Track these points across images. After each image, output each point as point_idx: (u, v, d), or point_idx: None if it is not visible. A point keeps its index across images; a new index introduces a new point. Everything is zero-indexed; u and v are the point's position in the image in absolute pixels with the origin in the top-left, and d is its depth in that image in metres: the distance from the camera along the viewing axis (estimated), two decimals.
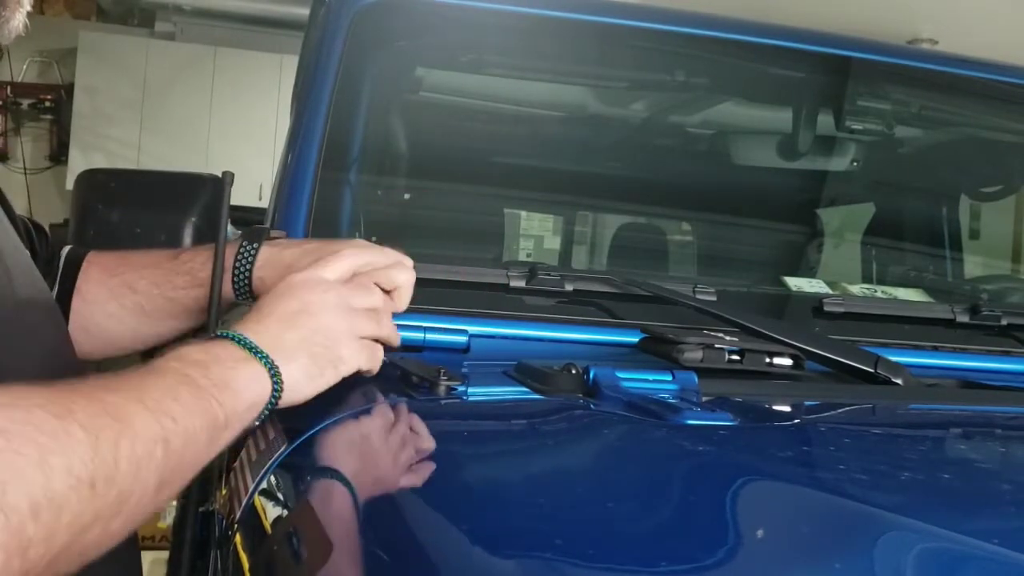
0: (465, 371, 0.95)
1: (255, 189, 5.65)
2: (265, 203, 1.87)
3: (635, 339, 1.10)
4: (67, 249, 1.08)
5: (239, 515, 0.79)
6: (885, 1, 5.13)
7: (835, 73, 1.62)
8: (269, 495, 0.78)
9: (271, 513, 0.75)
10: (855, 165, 1.78)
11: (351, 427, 0.84)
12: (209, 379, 0.74)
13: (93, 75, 6.63)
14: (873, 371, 1.05)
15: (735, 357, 1.02)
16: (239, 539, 0.77)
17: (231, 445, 0.78)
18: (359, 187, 1.39)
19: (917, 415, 1.04)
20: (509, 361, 1.01)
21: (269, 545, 0.71)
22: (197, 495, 0.91)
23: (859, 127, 1.67)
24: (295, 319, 0.85)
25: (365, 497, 0.68)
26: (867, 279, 1.91)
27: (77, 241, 1.29)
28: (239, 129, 6.60)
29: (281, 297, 0.87)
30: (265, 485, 0.78)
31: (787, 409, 0.94)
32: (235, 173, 1.02)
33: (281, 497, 0.78)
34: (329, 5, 1.45)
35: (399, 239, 1.02)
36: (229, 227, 1.02)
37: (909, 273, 1.86)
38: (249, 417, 0.78)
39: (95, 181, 1.39)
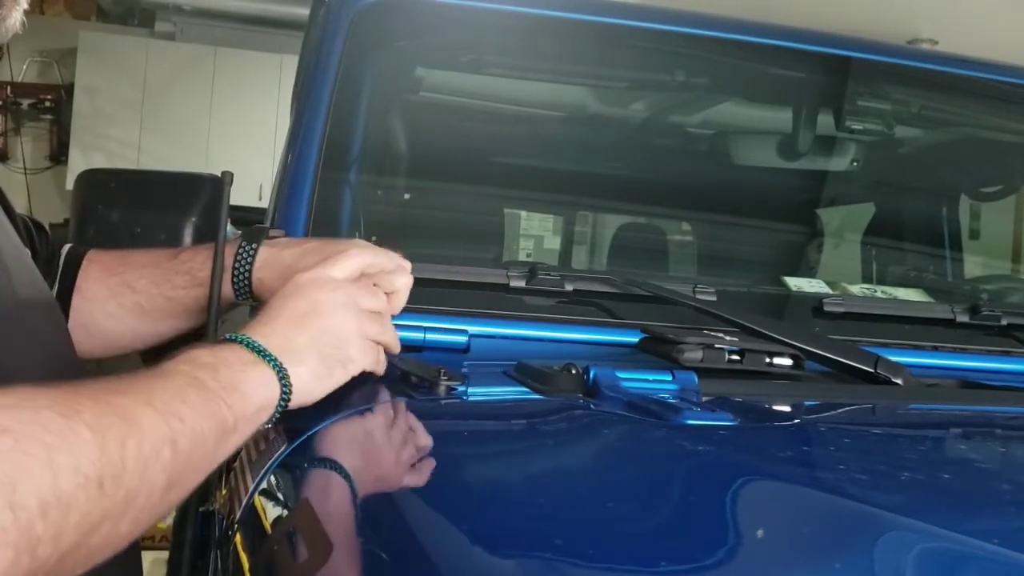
0: (465, 371, 0.95)
1: (255, 189, 5.65)
2: (265, 203, 1.87)
3: (635, 339, 1.10)
4: (67, 248, 1.08)
5: (239, 515, 0.79)
6: (885, 1, 5.13)
7: (835, 73, 1.62)
8: (269, 495, 0.78)
9: (271, 513, 0.75)
10: (855, 165, 1.78)
11: (351, 427, 0.84)
12: (218, 382, 0.74)
13: (93, 75, 6.63)
14: (873, 371, 1.05)
15: (735, 357, 1.02)
16: (239, 539, 0.77)
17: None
18: (359, 187, 1.39)
19: (917, 415, 1.04)
20: (509, 361, 1.01)
21: (269, 545, 0.71)
22: (197, 495, 0.91)
23: (859, 127, 1.67)
24: (304, 320, 0.85)
25: (365, 497, 0.68)
26: (867, 279, 1.91)
27: (77, 241, 1.29)
28: (239, 129, 6.60)
29: (290, 297, 0.87)
30: (265, 485, 0.78)
31: (787, 409, 0.94)
32: (235, 173, 1.02)
33: (281, 497, 0.78)
34: (329, 5, 1.45)
35: (399, 239, 1.02)
36: (229, 227, 1.02)
37: (909, 273, 1.85)
38: (259, 420, 0.78)
39: (95, 181, 1.39)
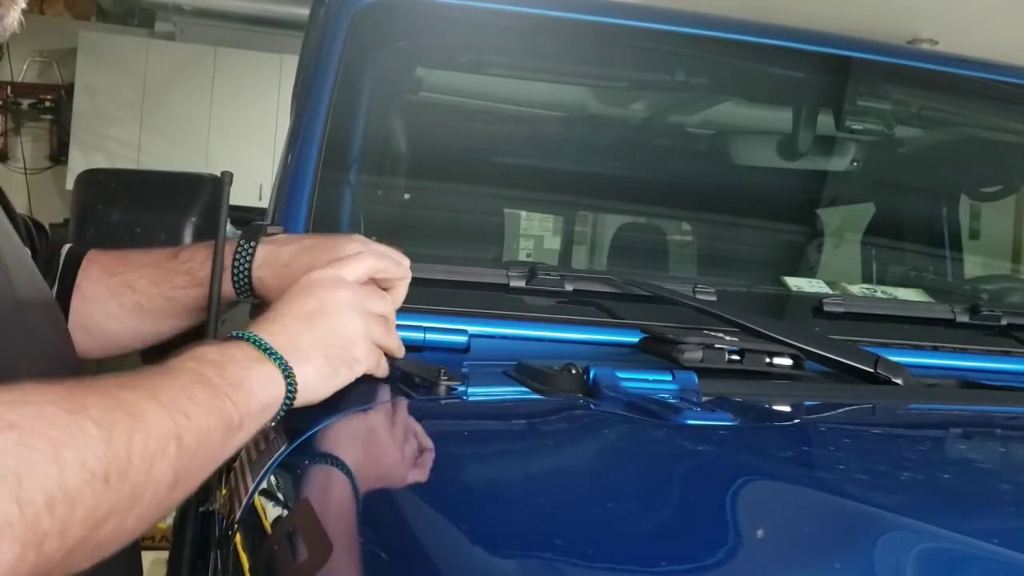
0: (465, 371, 0.95)
1: (255, 189, 5.65)
2: (265, 203, 1.87)
3: (635, 339, 1.10)
4: (67, 248, 1.08)
5: (239, 515, 0.79)
6: (885, 1, 5.13)
7: (835, 73, 1.62)
8: (269, 495, 0.78)
9: (271, 513, 0.75)
10: (855, 165, 1.78)
11: (351, 427, 0.84)
12: (224, 379, 0.74)
13: (93, 75, 6.63)
14: (873, 371, 1.05)
15: (735, 357, 1.02)
16: (239, 539, 0.77)
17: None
18: (359, 187, 1.39)
19: (917, 415, 1.04)
20: (509, 361, 1.01)
21: (269, 545, 0.71)
22: (197, 495, 0.91)
23: (859, 127, 1.67)
24: (311, 319, 0.85)
25: (365, 497, 0.68)
26: (867, 279, 1.91)
27: (77, 241, 1.29)
28: (239, 129, 6.60)
29: (299, 296, 0.87)
30: (265, 485, 0.78)
31: (787, 409, 0.94)
32: (235, 173, 1.02)
33: (281, 497, 0.78)
34: (329, 5, 1.45)
35: (399, 239, 1.02)
36: (229, 227, 1.02)
37: (909, 273, 1.85)
38: (263, 418, 0.78)
39: (95, 181, 1.39)
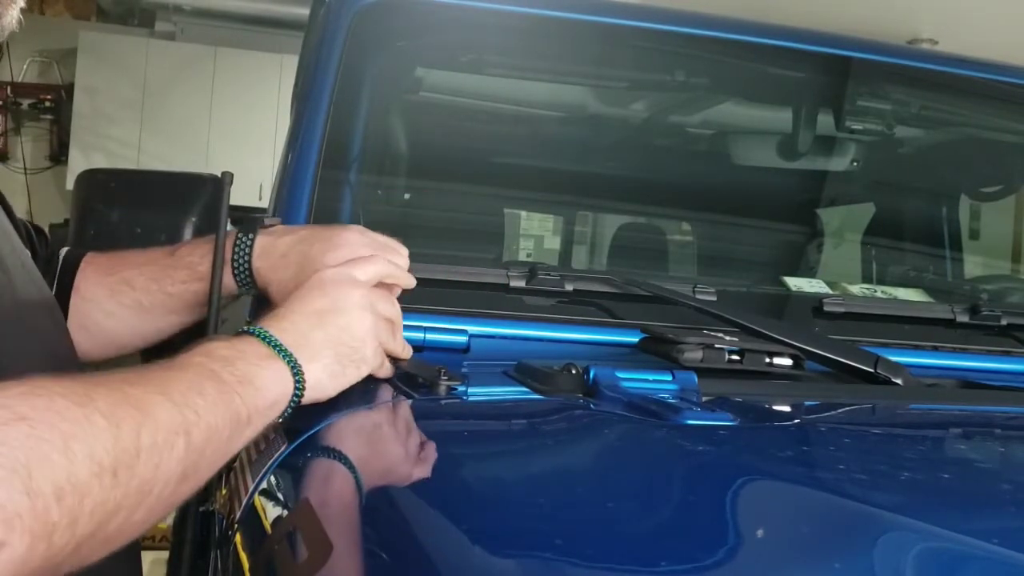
0: (465, 371, 0.95)
1: (255, 189, 5.65)
2: (265, 203, 1.87)
3: (635, 339, 1.10)
4: (64, 251, 1.08)
5: (239, 515, 0.79)
6: (885, 1, 5.13)
7: (835, 73, 1.62)
8: (269, 495, 0.78)
9: (271, 513, 0.75)
10: (855, 165, 1.78)
11: (351, 427, 0.84)
12: (233, 375, 0.74)
13: (93, 75, 6.62)
14: (873, 371, 1.05)
15: (735, 357, 1.02)
16: (239, 539, 0.77)
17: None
18: (359, 187, 1.39)
19: (917, 415, 1.04)
20: (509, 361, 1.01)
21: (269, 545, 0.71)
22: (197, 495, 0.91)
23: (859, 127, 1.67)
24: (322, 316, 0.85)
25: (365, 497, 0.68)
26: (867, 279, 1.91)
27: (77, 241, 1.29)
28: (239, 129, 6.59)
29: (310, 293, 0.87)
30: (265, 485, 0.78)
31: (787, 409, 0.94)
32: (235, 173, 1.02)
33: (281, 497, 0.78)
34: (329, 5, 1.45)
35: (399, 238, 1.02)
36: (229, 227, 1.02)
37: (909, 273, 1.85)
38: (272, 415, 0.79)
39: (95, 181, 1.39)
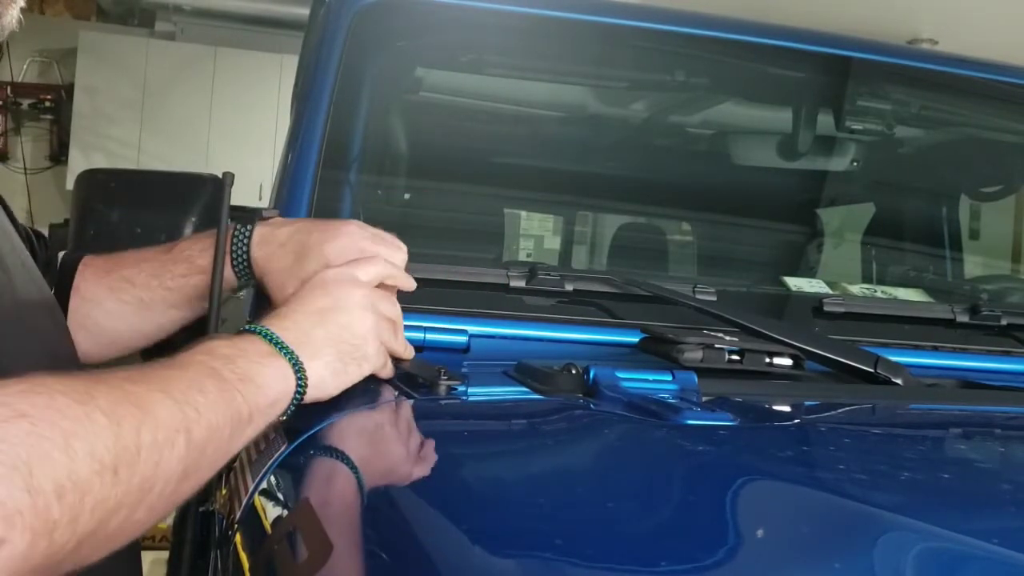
0: (465, 371, 0.95)
1: (255, 189, 5.65)
2: (265, 203, 1.87)
3: (635, 339, 1.10)
4: (62, 254, 1.08)
5: (239, 515, 0.79)
6: (885, 1, 5.13)
7: (835, 73, 1.62)
8: (269, 495, 0.78)
9: (271, 513, 0.75)
10: (855, 165, 1.78)
11: (351, 426, 0.84)
12: (234, 373, 0.74)
13: (93, 75, 6.62)
14: (873, 371, 1.05)
15: (735, 357, 1.02)
16: (239, 539, 0.77)
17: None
18: (359, 187, 1.39)
19: (917, 415, 1.04)
20: (509, 361, 1.01)
21: (269, 545, 0.71)
22: (197, 495, 0.91)
23: (859, 127, 1.67)
24: (324, 315, 0.85)
25: (365, 497, 0.68)
26: (867, 279, 1.91)
27: (77, 241, 1.29)
28: (239, 129, 6.59)
29: (312, 292, 0.88)
30: (265, 485, 0.78)
31: (787, 409, 0.94)
32: (235, 173, 1.02)
33: (281, 497, 0.78)
34: (329, 5, 1.45)
35: (399, 238, 1.02)
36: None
37: (909, 273, 1.85)
38: (273, 413, 0.79)
39: (95, 181, 1.39)
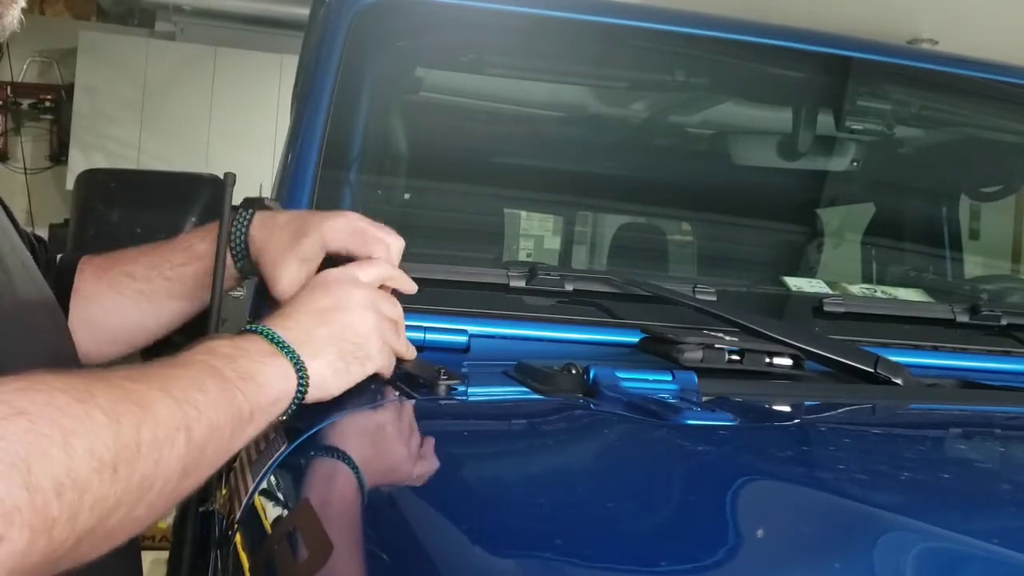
0: (465, 371, 0.95)
1: (255, 189, 5.62)
2: None
3: (635, 339, 1.10)
4: (60, 256, 1.08)
5: (239, 515, 0.79)
6: (885, 1, 5.13)
7: (835, 73, 1.62)
8: (269, 495, 0.78)
9: (271, 513, 0.75)
10: (855, 165, 1.78)
11: (351, 426, 0.84)
12: (235, 372, 0.74)
13: (93, 75, 6.62)
14: (873, 371, 1.05)
15: (735, 357, 1.02)
16: (239, 539, 0.77)
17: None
18: (359, 187, 1.39)
19: (917, 415, 1.04)
20: (509, 361, 1.01)
21: (269, 545, 0.71)
22: (197, 495, 0.91)
23: (859, 127, 1.67)
24: (326, 314, 0.85)
25: (365, 496, 0.68)
26: (867, 279, 1.91)
27: (77, 241, 1.29)
28: (239, 129, 6.59)
29: (313, 292, 0.88)
30: (265, 485, 0.78)
31: (787, 409, 0.94)
32: (235, 173, 1.02)
33: (281, 497, 0.78)
34: (329, 5, 1.45)
35: None
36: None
37: (909, 273, 1.85)
38: (274, 412, 0.79)
39: (95, 181, 1.39)
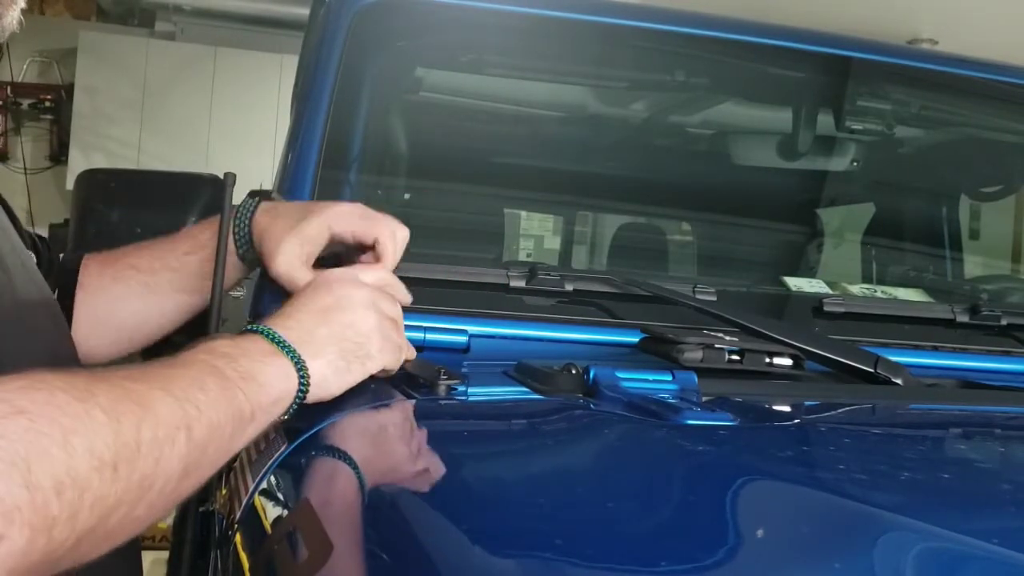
0: (465, 371, 0.95)
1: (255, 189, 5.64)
2: None
3: (635, 339, 1.10)
4: (63, 255, 1.09)
5: (239, 515, 0.79)
6: (885, 1, 5.13)
7: (835, 73, 1.62)
8: (269, 495, 0.78)
9: (271, 513, 0.75)
10: (855, 165, 1.78)
11: (351, 426, 0.84)
12: (236, 371, 0.74)
13: (93, 75, 6.62)
14: (873, 371, 1.05)
15: (735, 357, 1.02)
16: (239, 539, 0.77)
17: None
18: (359, 187, 1.39)
19: (917, 415, 1.04)
20: (509, 361, 1.01)
21: (269, 545, 0.71)
22: (197, 495, 0.91)
23: (859, 127, 1.67)
24: (327, 314, 0.86)
25: (365, 497, 0.68)
26: (867, 279, 1.91)
27: (77, 241, 1.29)
28: (239, 129, 6.58)
29: (315, 291, 0.88)
30: (265, 485, 0.78)
31: (787, 409, 0.94)
32: (235, 173, 1.02)
33: (281, 497, 0.78)
34: (329, 5, 1.45)
35: None
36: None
37: (909, 273, 1.85)
38: (276, 411, 0.79)
39: (95, 181, 1.39)
